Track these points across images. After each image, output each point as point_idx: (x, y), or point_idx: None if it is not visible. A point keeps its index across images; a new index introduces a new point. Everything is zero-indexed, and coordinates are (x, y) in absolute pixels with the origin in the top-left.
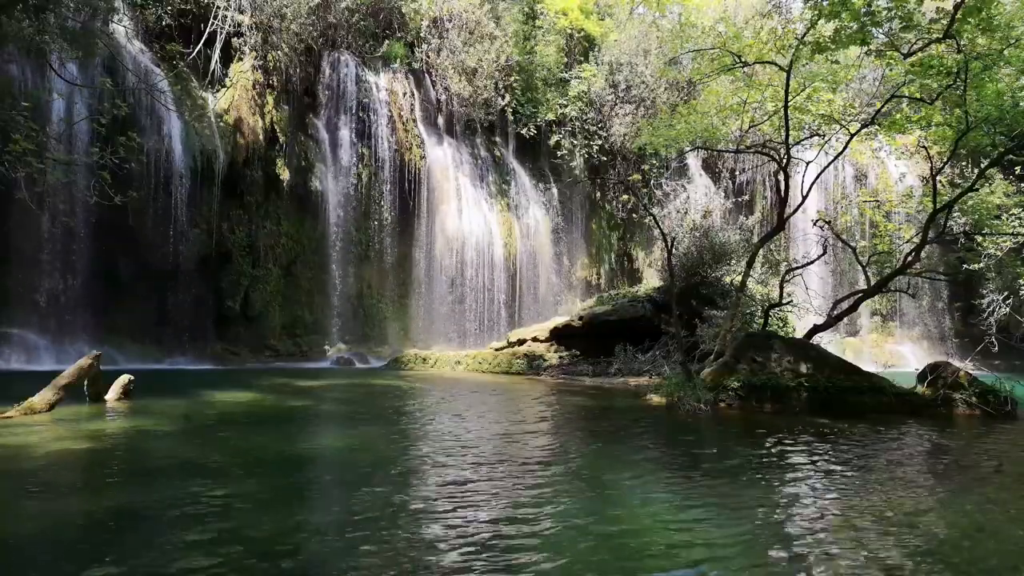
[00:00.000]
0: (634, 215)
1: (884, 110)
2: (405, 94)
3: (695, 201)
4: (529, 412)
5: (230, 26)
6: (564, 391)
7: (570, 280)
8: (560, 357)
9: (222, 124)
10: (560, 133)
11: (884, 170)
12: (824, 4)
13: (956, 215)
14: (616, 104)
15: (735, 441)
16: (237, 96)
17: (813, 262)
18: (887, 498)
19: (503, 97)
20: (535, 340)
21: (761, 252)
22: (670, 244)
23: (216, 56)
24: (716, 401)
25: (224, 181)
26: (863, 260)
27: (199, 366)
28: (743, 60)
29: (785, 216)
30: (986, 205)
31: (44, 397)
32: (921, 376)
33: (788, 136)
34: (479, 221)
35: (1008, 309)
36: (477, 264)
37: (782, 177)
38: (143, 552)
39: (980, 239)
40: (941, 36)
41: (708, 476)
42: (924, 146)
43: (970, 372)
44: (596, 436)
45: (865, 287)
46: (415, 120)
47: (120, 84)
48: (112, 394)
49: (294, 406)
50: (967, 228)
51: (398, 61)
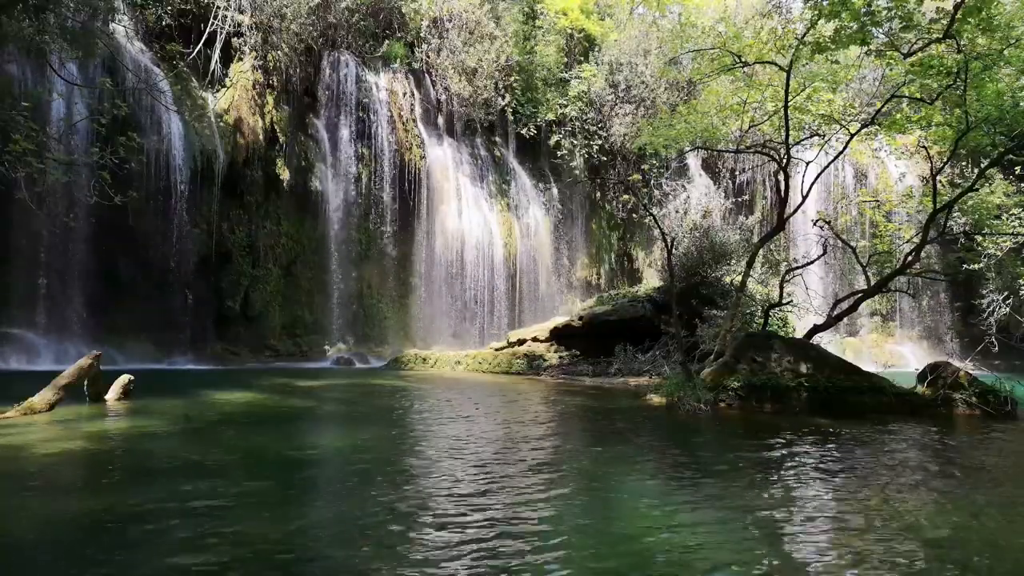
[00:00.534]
0: (634, 215)
1: (884, 110)
2: (405, 94)
3: (695, 201)
4: (529, 412)
5: (230, 26)
6: (564, 391)
7: (570, 280)
8: (560, 357)
9: (222, 124)
10: (560, 133)
11: (884, 170)
12: (824, 4)
13: (956, 215)
14: (616, 104)
15: (735, 441)
16: (237, 96)
17: (813, 262)
18: (888, 499)
19: (503, 97)
20: (535, 340)
21: (761, 252)
22: (670, 244)
23: (216, 56)
24: (716, 401)
25: (224, 181)
26: (863, 260)
27: (199, 366)
28: (743, 60)
29: (785, 216)
30: (986, 205)
31: (44, 397)
32: (921, 376)
33: (788, 136)
34: (479, 221)
35: (1008, 309)
36: (477, 264)
37: (782, 177)
38: (143, 552)
39: (980, 239)
40: (941, 36)
41: (709, 477)
42: (924, 146)
43: (970, 372)
44: (596, 436)
45: (865, 287)
46: (415, 120)
47: (120, 84)
48: (112, 394)
49: (294, 406)
50: (967, 228)
51: (398, 61)
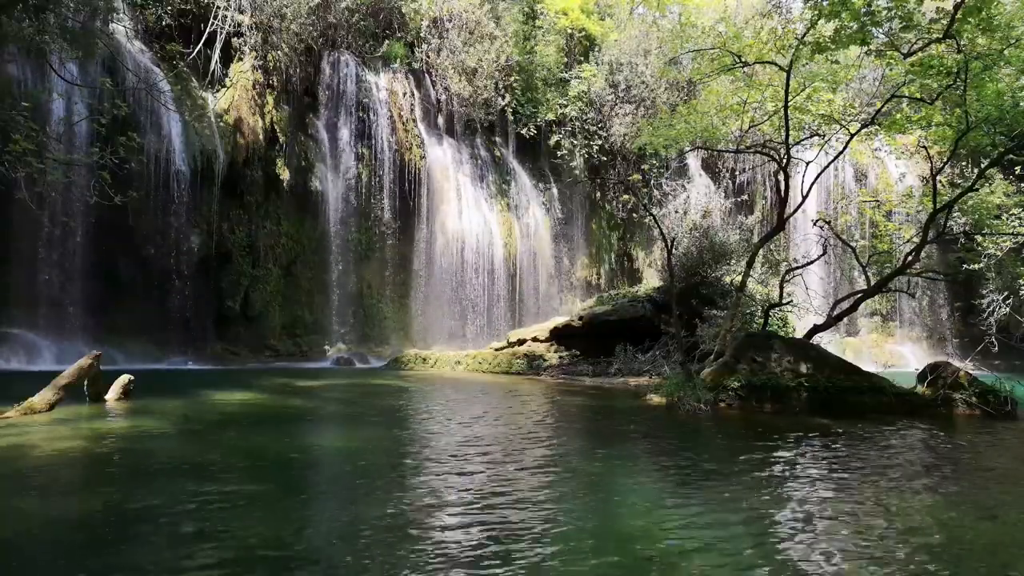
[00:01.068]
0: (634, 215)
1: (884, 110)
2: (405, 94)
3: (695, 201)
4: (529, 412)
5: (230, 26)
6: (564, 391)
7: (570, 280)
8: (560, 357)
9: (222, 124)
10: (560, 133)
11: (884, 170)
12: (824, 4)
13: (956, 215)
14: (616, 104)
15: (735, 442)
16: (237, 96)
17: (813, 262)
18: (888, 499)
19: (503, 97)
20: (535, 340)
21: (761, 252)
22: (670, 244)
23: (216, 56)
24: (716, 401)
25: (224, 181)
26: (863, 260)
27: (199, 366)
28: (743, 60)
29: (785, 216)
30: (986, 205)
31: (44, 397)
32: (921, 376)
33: (788, 136)
34: (479, 221)
35: (1008, 309)
36: (477, 264)
37: (782, 177)
38: (143, 552)
39: (980, 239)
40: (941, 36)
41: (709, 477)
42: (924, 146)
43: (970, 372)
44: (596, 436)
45: (865, 287)
46: (415, 120)
47: (120, 84)
48: (112, 394)
49: (294, 406)
50: (967, 228)
51: (398, 61)
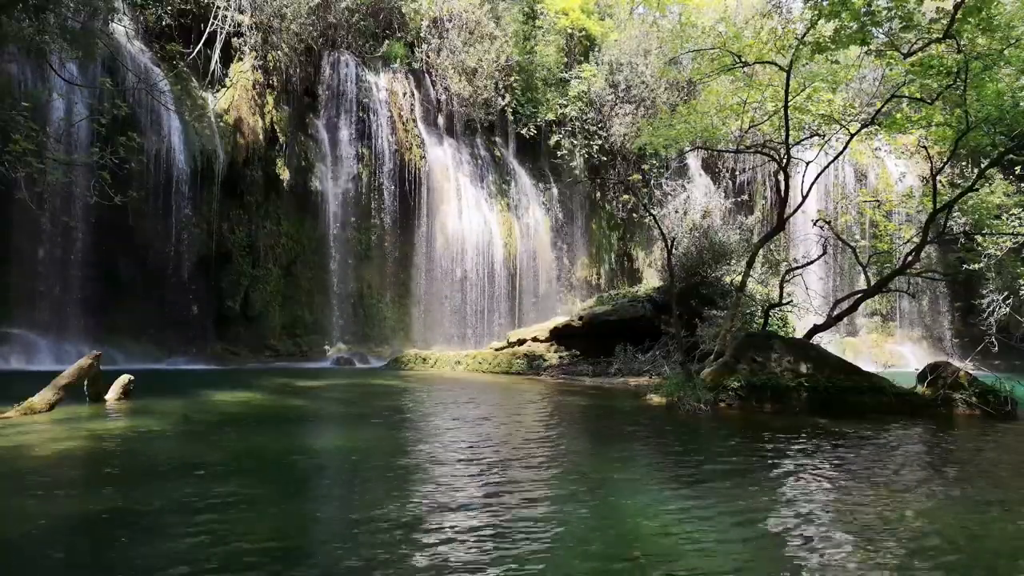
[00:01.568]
0: (634, 215)
1: (884, 110)
2: (405, 94)
3: (695, 201)
4: (529, 412)
5: (230, 26)
6: (564, 391)
7: (570, 280)
8: (560, 357)
9: (222, 124)
10: (560, 133)
11: (884, 170)
12: (824, 4)
13: (956, 215)
14: (616, 104)
15: (735, 442)
16: (237, 96)
17: (813, 262)
18: (888, 499)
19: (503, 97)
20: (535, 340)
21: (761, 252)
22: (670, 244)
23: (216, 56)
24: (716, 401)
25: (224, 181)
26: (863, 260)
27: (199, 366)
28: (743, 60)
29: (785, 216)
30: (986, 205)
31: (44, 397)
32: (921, 376)
33: (788, 136)
34: (479, 221)
35: (1008, 309)
36: (477, 264)
37: (782, 177)
38: (142, 552)
39: (980, 239)
40: (941, 36)
41: (709, 477)
42: (924, 146)
43: (970, 372)
44: (596, 437)
45: (865, 287)
46: (415, 120)
47: (120, 84)
48: (112, 394)
49: (294, 406)
50: (967, 228)
51: (398, 61)
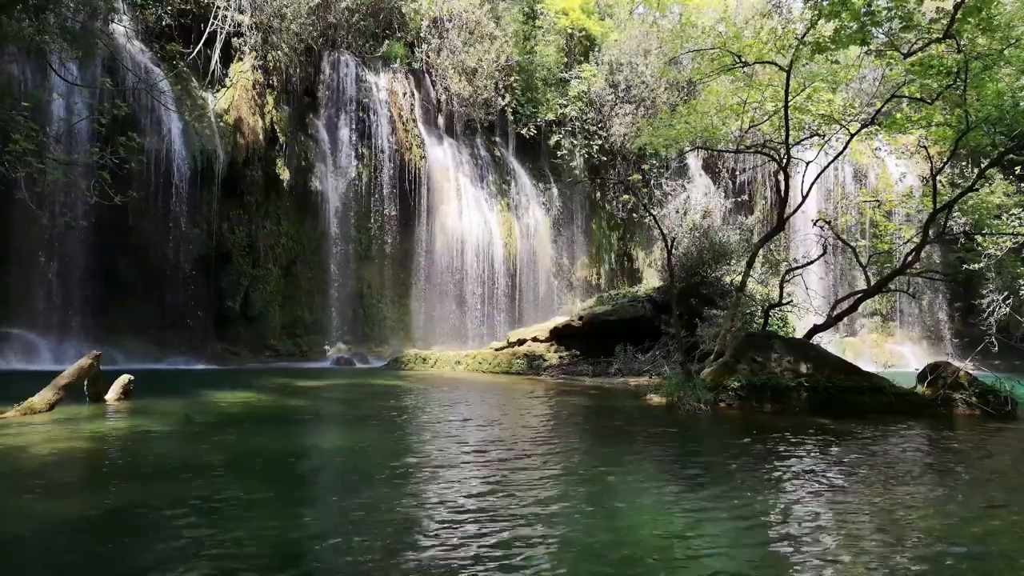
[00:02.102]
0: (634, 215)
1: (884, 110)
2: (405, 94)
3: (695, 201)
4: (529, 412)
5: (230, 26)
6: (564, 391)
7: (570, 280)
8: (560, 357)
9: (222, 124)
10: (560, 133)
11: (884, 170)
12: (824, 4)
13: (956, 215)
14: (616, 104)
15: (735, 442)
16: (237, 96)
17: (813, 262)
18: (888, 499)
19: (503, 97)
20: (535, 340)
21: (761, 252)
22: (670, 244)
23: (216, 56)
24: (716, 401)
25: (224, 181)
26: (863, 260)
27: (199, 366)
28: (743, 60)
29: (785, 216)
30: (986, 205)
31: (44, 397)
32: (921, 376)
33: (788, 136)
34: (479, 221)
35: (1008, 309)
36: (477, 264)
37: (782, 177)
38: (142, 553)
39: (980, 239)
40: (941, 36)
41: (709, 478)
42: (924, 146)
43: (970, 372)
44: (596, 437)
45: (865, 287)
46: (415, 120)
47: (120, 84)
48: (112, 394)
49: (294, 406)
50: (967, 228)
51: (398, 61)
